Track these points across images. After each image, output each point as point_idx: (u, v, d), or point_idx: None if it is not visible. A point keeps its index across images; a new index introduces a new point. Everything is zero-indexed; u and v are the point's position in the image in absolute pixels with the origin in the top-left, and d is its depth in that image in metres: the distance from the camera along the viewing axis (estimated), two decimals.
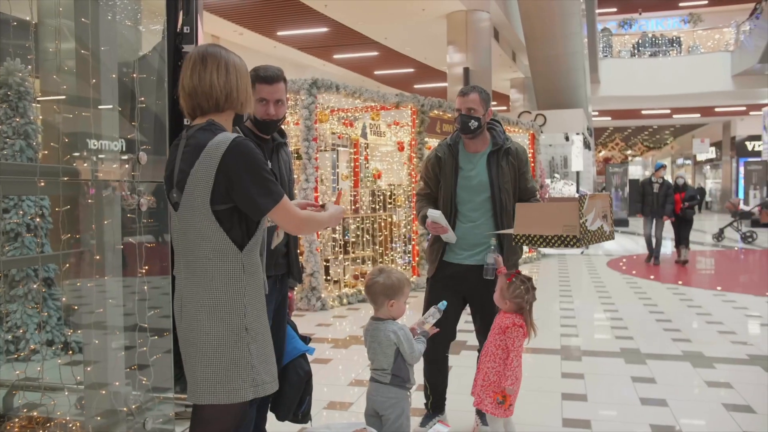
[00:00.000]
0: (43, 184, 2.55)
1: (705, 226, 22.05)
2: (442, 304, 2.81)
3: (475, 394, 3.02)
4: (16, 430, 3.00)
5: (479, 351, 3.33)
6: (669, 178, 11.46)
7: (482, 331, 3.28)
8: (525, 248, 11.48)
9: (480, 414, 3.33)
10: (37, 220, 4.19)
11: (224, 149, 1.86)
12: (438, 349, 3.24)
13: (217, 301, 1.90)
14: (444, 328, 3.03)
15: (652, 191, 10.78)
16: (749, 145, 29.03)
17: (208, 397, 1.92)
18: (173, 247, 2.05)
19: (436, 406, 3.44)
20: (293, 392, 2.86)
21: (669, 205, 10.64)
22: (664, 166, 11.19)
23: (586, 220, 2.69)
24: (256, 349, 1.94)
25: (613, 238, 2.99)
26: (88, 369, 2.92)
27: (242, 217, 1.95)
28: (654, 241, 11.07)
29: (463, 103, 3.20)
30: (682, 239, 11.02)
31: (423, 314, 2.90)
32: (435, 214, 3.12)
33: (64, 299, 4.01)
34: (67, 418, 2.93)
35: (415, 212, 3.50)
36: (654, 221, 10.97)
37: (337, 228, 7.69)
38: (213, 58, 1.97)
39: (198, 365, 1.93)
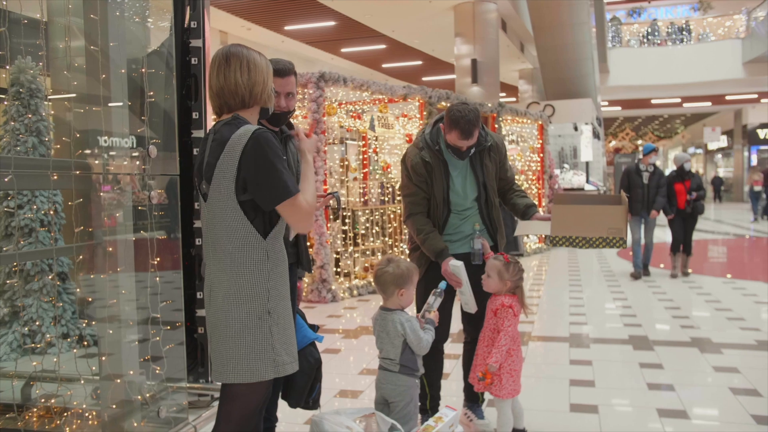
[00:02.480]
0: (56, 177, 2.60)
1: (723, 215, 21.91)
2: (443, 284, 2.85)
3: (473, 380, 3.07)
4: (35, 419, 3.07)
5: (466, 342, 3.34)
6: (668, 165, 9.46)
7: (474, 320, 3.24)
8: (534, 238, 11.52)
9: (472, 408, 3.34)
10: (51, 213, 4.27)
11: (245, 141, 1.97)
12: (438, 337, 3.10)
13: (243, 287, 2.01)
14: (443, 319, 3.05)
15: (642, 182, 8.20)
16: (761, 133, 28.75)
17: (232, 376, 2.04)
18: (202, 237, 2.15)
19: (434, 405, 3.27)
20: (304, 380, 2.90)
21: (661, 198, 8.14)
22: (655, 150, 8.42)
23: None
24: (278, 331, 2.05)
25: None
26: (103, 359, 2.98)
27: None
28: (643, 246, 8.60)
29: (467, 144, 3.01)
30: (685, 243, 8.47)
31: (417, 310, 2.92)
32: (458, 265, 2.98)
33: (78, 290, 4.08)
34: (84, 407, 3.01)
35: (413, 224, 3.15)
36: (643, 221, 8.41)
37: (347, 220, 7.74)
38: (236, 57, 2.07)
39: (223, 346, 2.04)
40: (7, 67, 4.07)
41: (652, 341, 5.09)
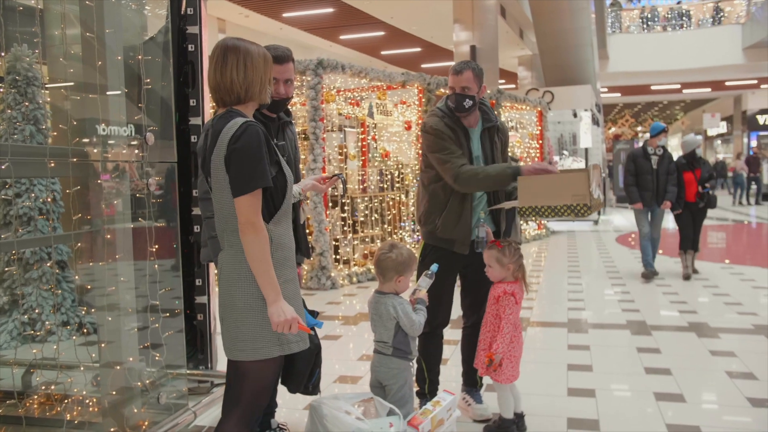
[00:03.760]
0: (53, 165, 2.60)
1: (721, 201, 21.95)
2: (434, 267, 2.86)
3: (478, 364, 3.09)
4: (36, 406, 3.10)
5: (465, 327, 3.36)
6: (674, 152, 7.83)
7: (474, 305, 3.27)
8: (533, 225, 11.53)
9: (470, 393, 3.36)
10: (49, 200, 4.27)
11: (232, 133, 2.01)
12: (438, 322, 3.19)
13: (247, 270, 2.05)
14: (444, 305, 3.11)
15: (651, 167, 7.01)
16: (761, 119, 28.64)
17: (239, 354, 2.10)
18: (216, 225, 2.19)
19: (432, 389, 3.25)
20: (303, 365, 2.91)
21: (673, 187, 6.98)
22: (665, 130, 7.14)
23: (591, 189, 2.76)
24: None
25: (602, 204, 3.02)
26: (103, 346, 3.00)
27: (266, 193, 2.07)
28: (651, 242, 7.36)
29: (457, 82, 3.05)
30: (692, 240, 7.39)
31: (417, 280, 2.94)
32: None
33: (77, 278, 4.09)
34: (84, 393, 3.03)
35: (465, 174, 2.97)
36: (650, 214, 7.25)
37: (346, 207, 7.74)
38: (233, 53, 2.09)
39: (231, 325, 2.11)
40: (3, 54, 4.05)
41: (650, 326, 5.12)
